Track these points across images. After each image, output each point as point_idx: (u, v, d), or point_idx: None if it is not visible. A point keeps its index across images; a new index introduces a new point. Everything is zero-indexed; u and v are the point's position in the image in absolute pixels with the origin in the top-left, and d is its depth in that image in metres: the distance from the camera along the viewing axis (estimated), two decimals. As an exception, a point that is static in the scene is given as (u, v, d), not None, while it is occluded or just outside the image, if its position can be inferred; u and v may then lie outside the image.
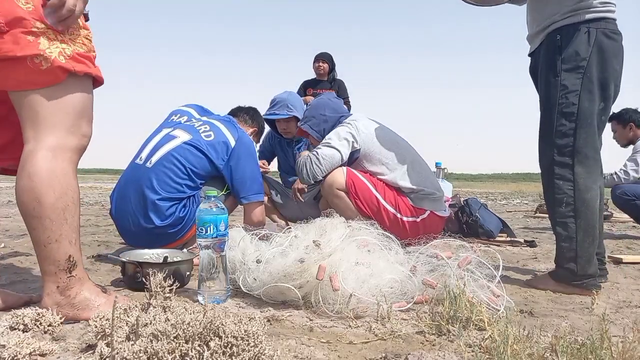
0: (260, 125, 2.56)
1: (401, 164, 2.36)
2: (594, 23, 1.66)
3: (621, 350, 0.95)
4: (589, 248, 1.68)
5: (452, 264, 1.51)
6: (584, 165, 1.67)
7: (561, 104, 1.69)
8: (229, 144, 2.09)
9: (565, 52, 1.69)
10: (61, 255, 1.18)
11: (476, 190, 14.35)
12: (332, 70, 4.67)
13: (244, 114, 2.48)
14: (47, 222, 1.16)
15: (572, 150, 1.67)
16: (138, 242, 1.99)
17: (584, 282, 1.69)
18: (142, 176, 2.00)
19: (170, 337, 0.88)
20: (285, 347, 1.09)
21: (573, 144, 1.67)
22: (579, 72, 1.66)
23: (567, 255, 1.71)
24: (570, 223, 1.69)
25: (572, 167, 1.67)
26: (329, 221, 1.64)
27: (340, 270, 1.42)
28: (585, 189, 1.67)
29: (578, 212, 1.67)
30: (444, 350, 1.11)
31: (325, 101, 2.59)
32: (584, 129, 1.66)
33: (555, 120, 1.71)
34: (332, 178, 2.32)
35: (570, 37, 1.68)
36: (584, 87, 1.66)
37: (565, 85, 1.68)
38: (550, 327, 1.31)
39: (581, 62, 1.66)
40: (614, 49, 1.67)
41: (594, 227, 1.69)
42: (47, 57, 1.15)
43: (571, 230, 1.69)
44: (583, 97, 1.66)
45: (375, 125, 2.45)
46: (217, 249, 1.49)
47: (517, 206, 7.15)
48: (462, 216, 3.14)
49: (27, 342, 0.97)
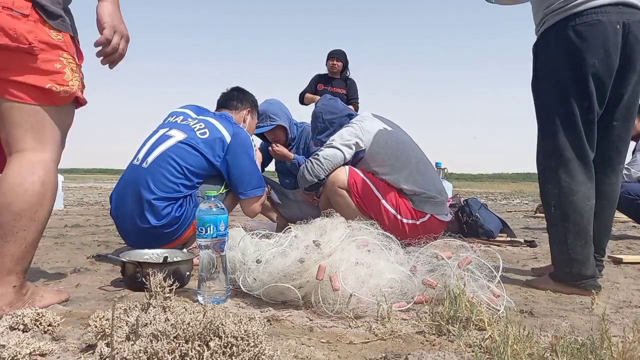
0: (252, 102, 2.47)
1: (406, 165, 2.35)
2: (561, 23, 1.66)
3: (621, 350, 0.95)
4: (582, 251, 1.67)
5: (452, 264, 1.51)
6: (567, 168, 1.67)
7: (541, 108, 1.75)
8: (225, 139, 2.09)
9: (539, 59, 1.75)
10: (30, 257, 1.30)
11: (476, 190, 14.35)
12: (345, 68, 4.65)
13: (232, 101, 2.39)
14: (38, 227, 1.28)
15: (555, 154, 1.69)
16: (137, 242, 1.99)
17: (582, 282, 1.69)
18: (138, 177, 2.01)
19: (170, 337, 0.88)
20: (285, 347, 1.09)
21: (554, 148, 1.69)
22: (551, 76, 1.70)
23: (560, 259, 1.72)
24: (560, 227, 1.69)
25: (556, 171, 1.69)
26: (329, 221, 1.64)
27: (340, 270, 1.42)
28: (571, 192, 1.66)
29: (565, 216, 1.67)
30: (444, 350, 1.11)
31: (319, 108, 2.61)
32: (563, 132, 1.67)
33: (539, 125, 1.76)
34: (334, 176, 2.33)
35: (542, 45, 1.74)
36: (557, 90, 1.68)
37: (540, 90, 1.74)
38: (550, 327, 1.31)
39: (551, 66, 1.70)
40: (588, 43, 1.62)
41: (585, 229, 1.67)
42: (69, 88, 1.31)
43: (561, 234, 1.69)
44: (556, 100, 1.69)
45: (381, 125, 2.45)
46: (217, 249, 1.49)
47: (517, 206, 7.15)
48: (462, 216, 3.14)
49: (27, 342, 0.97)
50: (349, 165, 2.37)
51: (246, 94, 2.48)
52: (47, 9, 1.25)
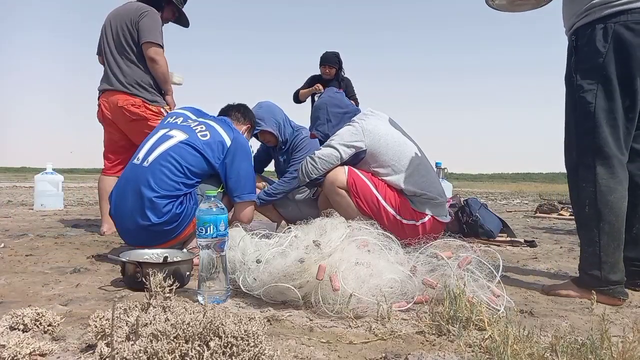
0: (252, 122, 2.58)
1: (407, 166, 2.34)
2: (612, 18, 1.58)
3: (621, 350, 0.95)
4: (614, 253, 1.59)
5: (452, 264, 1.51)
6: (606, 165, 1.59)
7: (579, 104, 1.64)
8: (225, 143, 2.13)
9: (580, 52, 1.65)
10: None
11: (476, 190, 14.35)
12: (339, 70, 4.67)
13: (235, 112, 2.49)
14: None
15: (593, 151, 1.61)
16: (136, 241, 2.00)
17: (610, 288, 1.59)
18: (139, 175, 2.02)
19: (170, 337, 0.88)
20: (285, 347, 1.09)
21: (593, 144, 1.61)
22: (595, 71, 1.62)
23: (591, 261, 1.62)
24: (594, 227, 1.60)
25: (593, 168, 1.60)
26: (329, 221, 1.64)
27: (340, 270, 1.42)
28: (608, 190, 1.58)
29: (601, 215, 1.59)
30: (444, 350, 1.11)
31: (325, 99, 2.58)
32: (603, 128, 1.60)
33: (574, 121, 1.67)
34: (333, 176, 2.32)
35: (585, 37, 1.64)
36: (601, 86, 1.61)
37: (581, 85, 1.64)
38: (550, 327, 1.31)
39: (597, 61, 1.61)
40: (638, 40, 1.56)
41: (619, 231, 1.60)
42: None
43: (594, 234, 1.60)
44: (600, 96, 1.61)
45: (384, 124, 2.43)
46: (217, 249, 1.49)
47: (517, 206, 7.15)
48: (462, 216, 3.14)
49: (27, 342, 0.97)
50: (349, 166, 2.36)
51: (250, 113, 2.57)
52: (149, 99, 2.91)
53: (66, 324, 1.19)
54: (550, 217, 5.08)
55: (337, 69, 4.64)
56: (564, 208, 5.27)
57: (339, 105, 2.53)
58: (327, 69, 4.61)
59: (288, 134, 2.95)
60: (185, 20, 3.26)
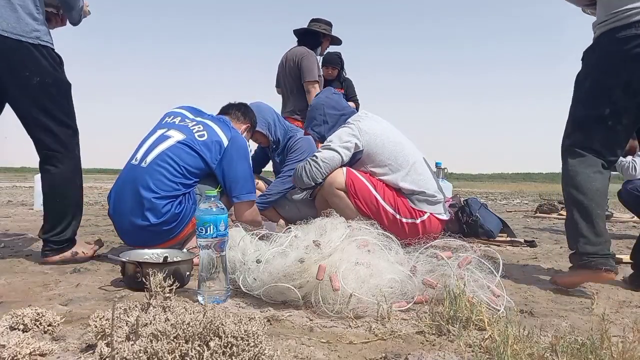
0: (252, 121, 2.55)
1: (404, 165, 2.35)
2: (603, 37, 1.75)
3: (621, 350, 0.95)
4: (588, 228, 1.73)
5: (452, 264, 1.51)
6: (576, 154, 1.80)
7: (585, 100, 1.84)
8: (222, 143, 2.11)
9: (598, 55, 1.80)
10: None
11: (476, 190, 14.35)
12: (340, 71, 4.66)
13: (235, 111, 2.47)
14: None
15: (568, 148, 1.84)
16: (136, 241, 2.00)
17: (590, 260, 1.70)
18: (137, 176, 2.01)
19: (170, 337, 0.88)
20: (285, 347, 1.09)
21: (570, 144, 1.84)
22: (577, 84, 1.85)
23: (571, 241, 1.81)
24: (569, 209, 1.82)
25: (566, 161, 1.84)
26: (329, 221, 1.64)
27: (340, 270, 1.42)
28: (575, 173, 1.79)
29: (571, 196, 1.79)
30: (444, 350, 1.11)
31: (322, 100, 2.58)
32: (577, 133, 1.83)
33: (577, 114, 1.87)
34: (332, 178, 2.32)
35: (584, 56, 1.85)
36: (577, 97, 1.84)
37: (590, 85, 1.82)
38: (550, 327, 1.31)
39: (581, 76, 1.84)
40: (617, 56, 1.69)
41: (589, 208, 1.75)
42: None
43: (570, 215, 1.81)
44: (577, 107, 1.85)
45: (379, 125, 2.44)
46: (217, 249, 1.49)
47: (517, 206, 7.15)
48: (462, 216, 3.14)
49: (27, 342, 0.97)
50: (347, 166, 2.36)
51: (250, 112, 2.54)
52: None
53: (66, 324, 1.19)
54: (550, 217, 5.08)
55: (339, 69, 4.64)
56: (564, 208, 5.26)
57: (336, 107, 2.54)
58: (330, 70, 4.61)
59: (280, 134, 2.94)
60: (337, 40, 4.04)
